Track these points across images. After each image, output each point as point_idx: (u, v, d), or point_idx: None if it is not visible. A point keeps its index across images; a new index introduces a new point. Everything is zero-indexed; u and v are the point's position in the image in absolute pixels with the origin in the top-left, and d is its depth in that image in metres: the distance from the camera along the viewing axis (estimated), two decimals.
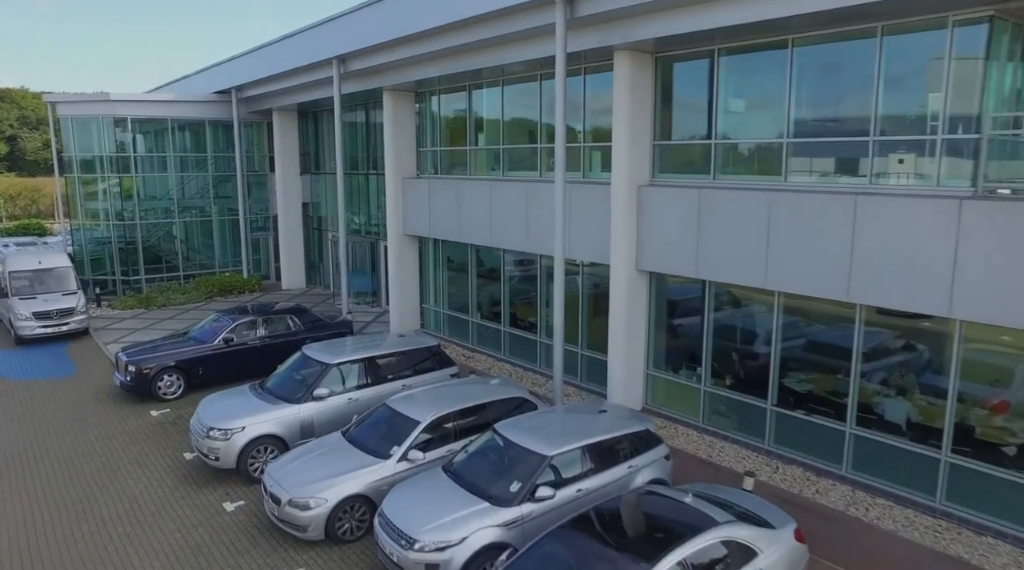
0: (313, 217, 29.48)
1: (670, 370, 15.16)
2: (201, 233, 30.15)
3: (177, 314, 25.20)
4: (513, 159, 18.25)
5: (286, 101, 26.17)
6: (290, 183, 28.81)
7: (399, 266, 21.94)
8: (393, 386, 14.00)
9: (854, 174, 11.64)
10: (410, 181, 21.37)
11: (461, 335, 20.80)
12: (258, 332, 18.02)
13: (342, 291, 22.15)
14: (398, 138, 21.23)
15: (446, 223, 19.87)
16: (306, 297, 27.97)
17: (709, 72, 13.45)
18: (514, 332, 18.90)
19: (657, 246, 14.26)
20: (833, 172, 12.01)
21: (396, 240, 21.79)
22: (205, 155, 29.00)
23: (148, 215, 28.35)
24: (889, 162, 11.17)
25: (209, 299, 27.36)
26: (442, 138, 20.58)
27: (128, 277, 27.72)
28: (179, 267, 28.82)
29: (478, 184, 18.67)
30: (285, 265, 29.25)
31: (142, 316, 25.06)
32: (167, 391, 16.75)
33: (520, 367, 18.55)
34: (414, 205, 21.18)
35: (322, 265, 29.05)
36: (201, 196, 29.18)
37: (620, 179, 14.39)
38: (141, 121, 27.61)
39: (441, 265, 21.32)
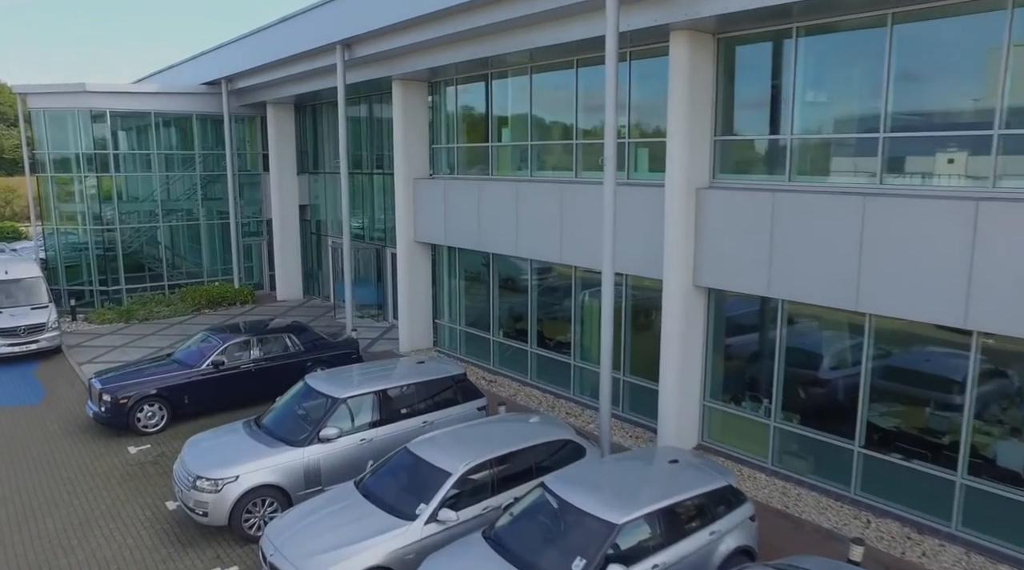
0: (311, 221, 27.95)
1: (731, 401, 13.59)
2: (188, 238, 28.74)
3: (161, 329, 23.63)
4: (543, 157, 16.71)
5: (282, 93, 24.63)
6: (286, 183, 27.27)
7: (409, 277, 20.38)
8: (412, 423, 12.42)
9: (974, 176, 10.05)
10: (422, 182, 19.80)
11: (480, 355, 19.22)
12: (252, 354, 16.45)
13: (346, 304, 20.56)
14: (409, 134, 19.69)
15: (464, 229, 18.31)
16: (304, 309, 26.40)
17: (783, 55, 11.90)
18: (543, 353, 17.32)
19: (719, 258, 12.70)
20: (945, 173, 10.42)
21: (406, 248, 20.23)
22: (192, 153, 27.53)
23: (129, 218, 26.91)
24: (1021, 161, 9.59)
25: (197, 311, 25.80)
26: (459, 133, 19.04)
27: (107, 287, 26.18)
28: (163, 276, 27.26)
29: (502, 186, 17.11)
30: (280, 274, 27.71)
31: (122, 331, 23.48)
32: (148, 423, 15.16)
33: (550, 393, 16.99)
34: (427, 209, 19.61)
35: (321, 274, 27.50)
36: (188, 198, 27.68)
37: (676, 180, 12.82)
38: (121, 115, 26.16)
39: (457, 276, 19.75)
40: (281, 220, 27.36)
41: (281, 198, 27.21)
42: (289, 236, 27.66)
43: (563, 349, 16.85)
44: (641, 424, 15.04)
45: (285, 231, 27.53)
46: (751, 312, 13.25)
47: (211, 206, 28.20)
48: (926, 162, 10.60)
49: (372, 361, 14.66)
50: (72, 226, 26.35)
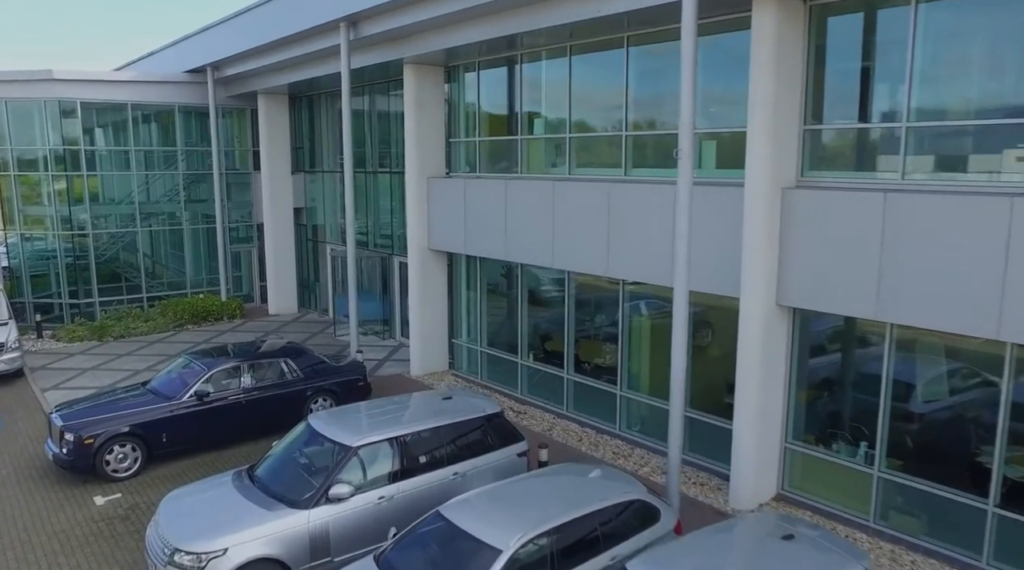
0: (307, 226, 26.19)
1: (819, 443, 11.78)
2: (170, 245, 27.07)
3: (139, 348, 21.82)
4: (584, 152, 14.93)
5: (276, 81, 22.86)
6: (279, 184, 25.49)
7: (422, 290, 18.57)
8: (440, 475, 10.60)
9: None
10: (438, 182, 18.02)
11: (506, 381, 17.42)
12: (242, 382, 14.65)
13: (350, 321, 18.74)
14: (422, 126, 17.92)
15: (488, 236, 16.52)
16: (299, 325, 24.59)
17: (896, 24, 10.10)
18: (582, 380, 15.51)
19: (809, 273, 10.92)
20: None
21: (418, 256, 18.42)
22: (174, 149, 25.79)
23: (104, 223, 25.18)
24: None
25: (179, 327, 23.99)
26: (482, 126, 17.23)
27: (78, 300, 24.42)
28: (142, 287, 25.51)
29: (534, 185, 15.32)
30: (272, 285, 25.91)
31: (94, 351, 21.66)
32: (118, 467, 13.34)
33: (591, 427, 15.21)
34: (443, 212, 17.82)
35: (318, 285, 25.69)
36: (170, 199, 26.00)
37: (757, 179, 11.04)
38: (94, 107, 24.42)
39: (478, 289, 17.94)
40: (274, 225, 25.57)
41: (274, 200, 25.43)
42: (282, 243, 25.87)
43: (606, 376, 15.04)
44: (706, 468, 13.22)
45: (278, 237, 25.74)
46: (845, 335, 11.47)
47: (195, 209, 26.47)
48: None
49: (386, 397, 12.80)
50: (39, 231, 24.66)
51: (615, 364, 14.80)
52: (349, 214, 18.39)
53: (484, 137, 17.24)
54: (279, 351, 15.83)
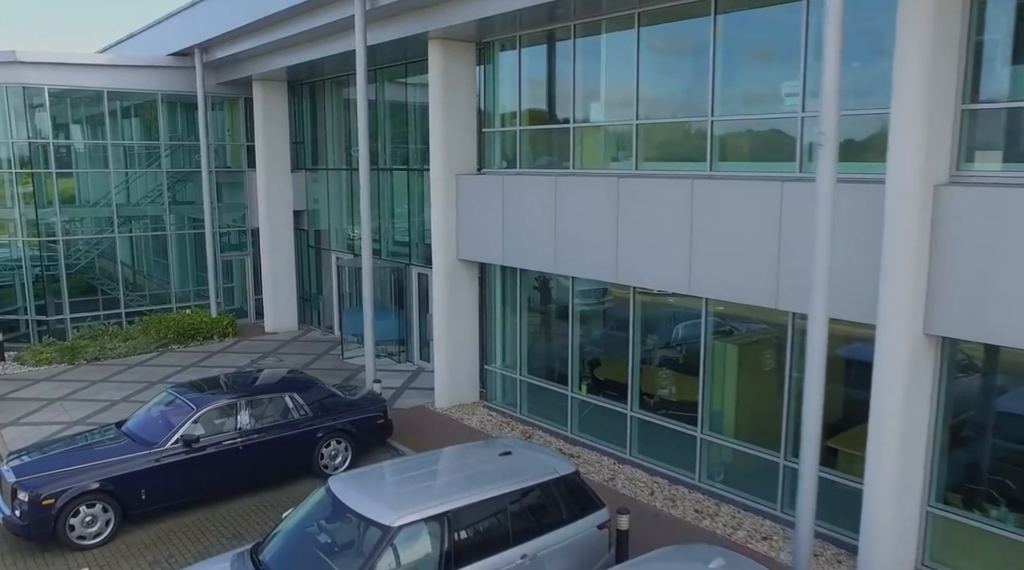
0: (309, 231, 24.26)
1: (970, 506, 9.71)
2: (152, 252, 25.33)
3: (116, 373, 19.85)
4: (657, 142, 12.90)
5: (273, 64, 20.87)
6: (277, 184, 23.51)
7: (449, 307, 16.54)
8: (506, 560, 8.45)
9: None
10: (469, 180, 16.01)
11: (551, 416, 15.38)
12: (239, 422, 12.64)
13: (366, 346, 16.71)
14: (451, 114, 15.93)
15: (532, 244, 14.51)
16: (301, 345, 22.55)
17: None
18: (650, 419, 13.46)
19: (972, 293, 8.83)
20: None
21: (445, 268, 16.39)
22: (157, 144, 23.77)
23: (77, 228, 23.37)
24: None
25: (162, 347, 21.97)
26: (524, 112, 15.18)
27: (46, 316, 22.48)
28: (120, 301, 23.50)
29: (594, 183, 13.33)
30: (270, 298, 23.92)
31: (64, 376, 19.66)
32: (86, 533, 11.30)
33: (663, 476, 13.22)
34: (475, 216, 15.80)
35: (322, 300, 23.66)
36: (152, 201, 24.04)
37: (904, 173, 9.03)
38: (65, 94, 22.53)
39: (518, 307, 15.87)
40: (271, 230, 23.57)
41: (271, 202, 23.43)
42: (281, 250, 23.88)
43: (683, 414, 13.00)
44: (820, 534, 11.11)
45: (276, 244, 23.74)
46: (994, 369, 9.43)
47: (181, 212, 24.53)
48: None
49: (427, 453, 10.67)
50: (2, 238, 22.75)
51: (694, 400, 12.74)
52: (365, 218, 16.35)
53: (527, 126, 15.18)
54: (283, 383, 13.83)
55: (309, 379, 14.34)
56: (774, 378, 11.68)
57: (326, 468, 13.46)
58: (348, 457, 13.72)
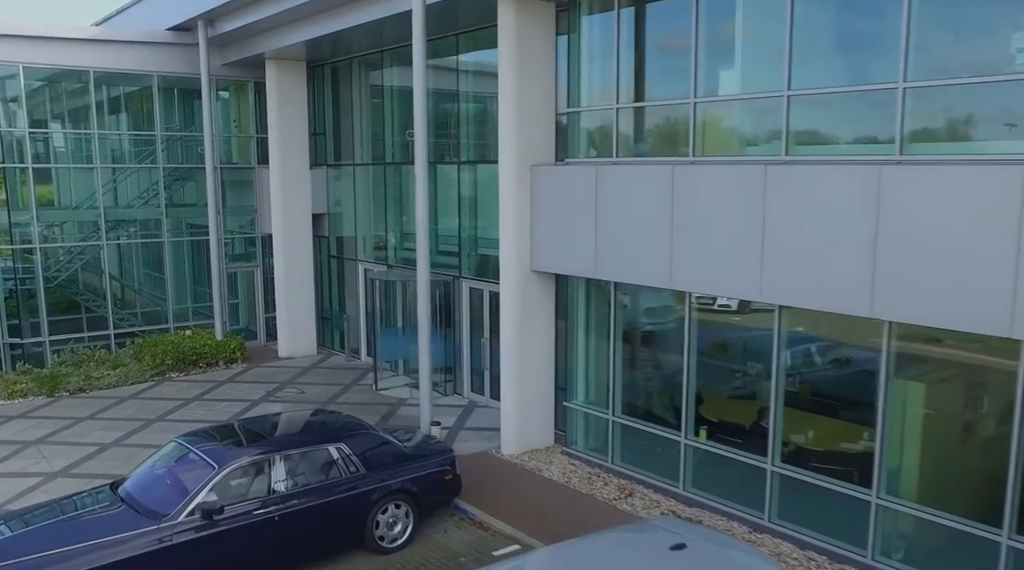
0: (330, 238, 22.15)
1: None
2: (146, 263, 23.59)
3: (105, 408, 17.62)
4: (816, 121, 10.59)
5: (291, 38, 18.77)
6: (294, 183, 21.36)
7: (520, 330, 14.29)
8: None
9: None
10: (548, 173, 13.83)
11: (655, 467, 13.13)
12: (273, 484, 10.32)
13: (421, 378, 14.45)
14: (526, 90, 13.76)
15: (639, 253, 12.32)
16: (322, 373, 20.34)
17: None
18: (800, 476, 11.09)
19: None
20: None
21: (516, 281, 14.14)
22: (153, 135, 21.61)
23: (57, 235, 21.47)
24: None
25: (159, 375, 19.76)
26: (623, 85, 12.86)
27: (21, 338, 20.35)
28: (108, 321, 21.30)
29: (729, 174, 11.09)
30: (284, 317, 21.76)
31: (42, 412, 17.46)
32: None
33: (818, 550, 10.95)
34: (556, 217, 13.58)
35: (346, 319, 21.36)
36: (146, 203, 21.87)
37: None
38: (45, 75, 20.45)
39: (612, 330, 13.51)
40: (286, 237, 21.37)
41: (286, 204, 21.23)
42: (297, 261, 21.67)
43: (848, 471, 10.63)
44: None
45: (292, 253, 21.51)
46: None
47: (180, 216, 22.57)
48: None
49: (558, 545, 8.27)
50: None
51: (867, 453, 10.34)
52: (422, 220, 14.05)
53: (627, 103, 12.82)
54: (326, 429, 11.58)
55: (357, 422, 12.05)
56: (991, 426, 9.29)
57: (382, 540, 11.10)
58: (409, 525, 11.36)
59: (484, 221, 16.93)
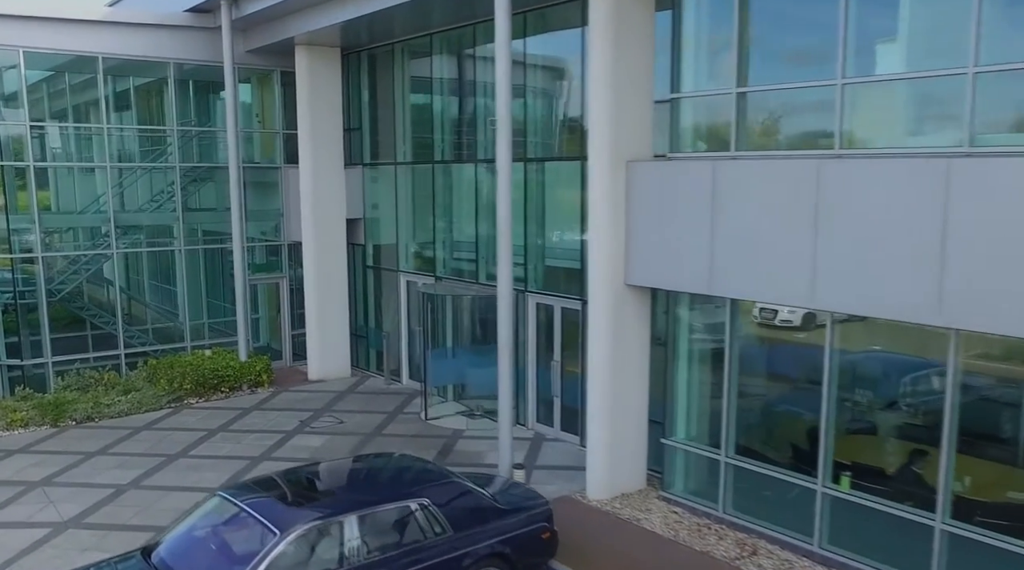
0: (366, 246, 20.58)
1: None
2: (158, 275, 21.89)
3: (118, 441, 16.06)
4: (1012, 103, 9.00)
5: (324, 19, 17.23)
6: (326, 184, 19.83)
7: (613, 354, 12.80)
8: None
9: None
10: (648, 169, 12.37)
11: (781, 518, 11.61)
12: (345, 552, 8.68)
13: (501, 411, 12.85)
14: (621, 71, 12.29)
15: (771, 264, 10.81)
16: (360, 399, 18.88)
17: None
18: (980, 537, 9.50)
19: None
20: None
21: (609, 298, 12.63)
22: (165, 131, 20.16)
23: (59, 243, 19.94)
24: None
25: (176, 402, 18.24)
26: (744, 66, 11.25)
27: (20, 359, 18.78)
28: (118, 340, 19.75)
29: (894, 169, 9.49)
30: (315, 335, 20.20)
31: (47, 446, 15.86)
32: None
33: None
34: (658, 222, 12.12)
35: (385, 337, 19.71)
36: (159, 207, 20.37)
37: None
38: (47, 62, 18.93)
39: (729, 356, 11.88)
40: (317, 245, 19.82)
41: (318, 208, 19.69)
42: (330, 272, 20.11)
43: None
44: None
45: (324, 263, 19.95)
46: None
47: (196, 221, 21.06)
48: None
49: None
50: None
51: None
52: (504, 219, 12.38)
53: (752, 87, 11.21)
54: (404, 478, 9.95)
55: (438, 469, 10.52)
56: None
57: None
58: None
59: (555, 227, 15.45)
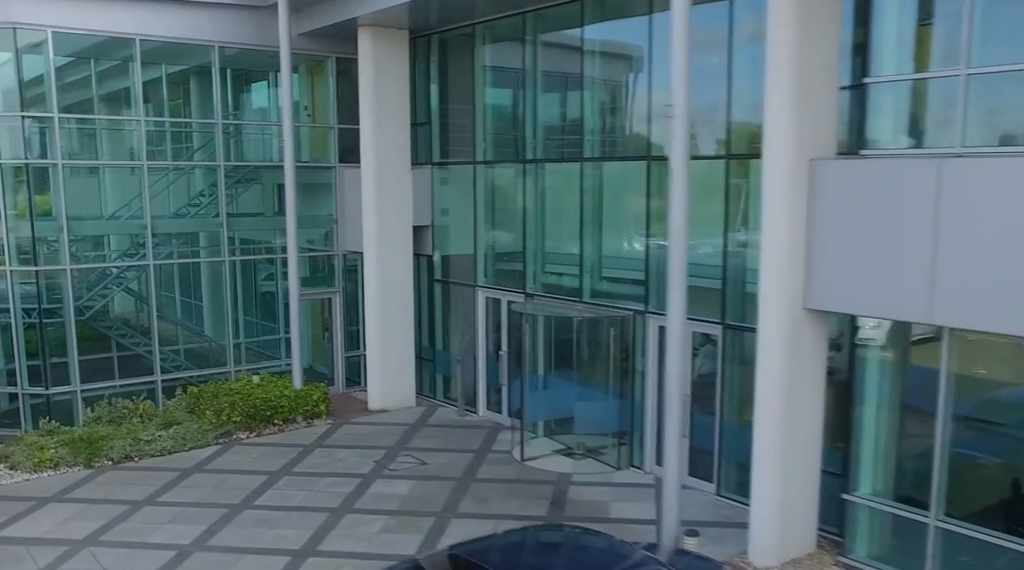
0: (434, 257, 18.75)
1: None
2: (200, 290, 20.32)
3: (167, 486, 14.20)
4: None
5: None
6: (391, 186, 17.93)
7: (787, 391, 11.06)
8: None
9: None
10: (840, 168, 10.86)
11: None
12: None
13: (668, 461, 11.17)
14: (807, 57, 10.48)
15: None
16: (435, 434, 17.09)
17: None
18: None
19: None
20: None
21: (782, 324, 10.95)
22: (212, 125, 18.24)
23: (89, 253, 17.88)
24: None
25: (224, 437, 16.34)
26: (975, 40, 9.59)
27: (43, 388, 16.76)
28: (154, 365, 17.66)
29: None
30: (376, 359, 18.29)
31: (84, 492, 13.98)
32: None
33: None
34: (853, 233, 10.48)
35: (457, 361, 17.84)
36: (202, 211, 18.43)
37: None
38: (77, 44, 16.87)
39: (942, 395, 10.14)
40: (380, 255, 17.93)
41: (382, 214, 17.79)
42: (395, 286, 18.18)
43: None
44: None
45: (387, 276, 18.03)
46: None
47: (239, 227, 19.12)
48: None
49: None
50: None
51: None
52: (679, 234, 10.59)
53: (988, 66, 9.49)
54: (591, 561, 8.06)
55: (629, 548, 8.57)
56: None
57: None
58: None
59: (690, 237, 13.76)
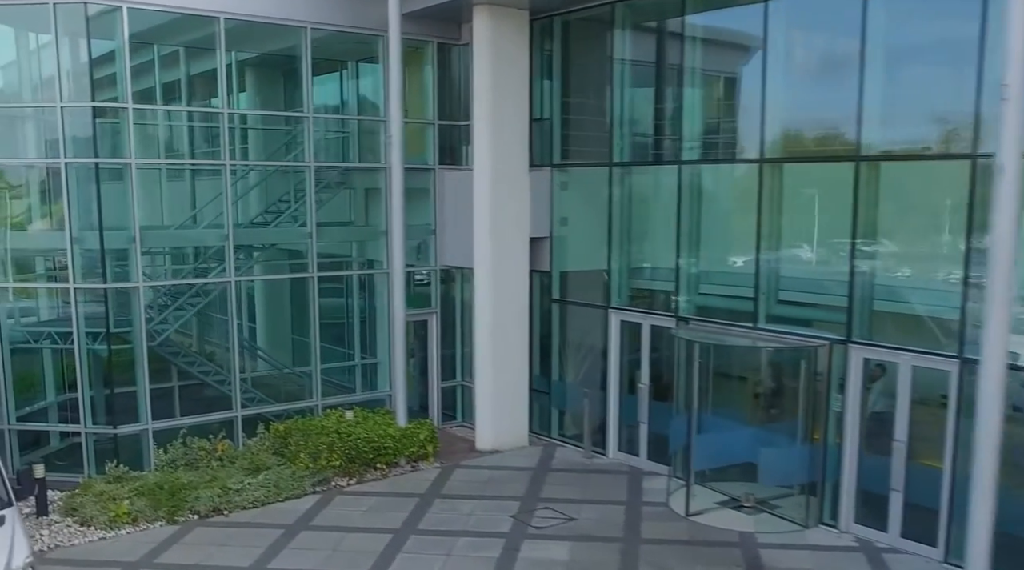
0: (553, 273, 16.97)
1: None
2: (282, 310, 18.49)
3: (272, 549, 12.36)
4: None
5: None
6: (507, 191, 16.25)
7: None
8: None
9: None
10: None
11: None
12: None
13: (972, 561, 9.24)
14: None
15: None
16: (567, 480, 15.42)
17: None
18: None
19: None
20: None
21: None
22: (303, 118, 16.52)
23: (161, 268, 16.36)
24: None
25: (321, 484, 14.56)
26: None
27: (111, 427, 14.84)
28: (234, 398, 15.73)
29: None
30: (487, 392, 16.56)
31: (172, 557, 12.16)
32: None
33: None
34: None
35: (585, 395, 16.06)
36: (291, 217, 16.60)
37: None
38: (153, 22, 15.35)
39: None
40: (494, 272, 16.22)
41: (496, 224, 16.03)
42: (509, 307, 16.39)
43: None
44: None
45: (502, 296, 16.27)
46: None
47: (329, 238, 17.26)
48: None
49: None
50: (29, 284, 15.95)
51: None
52: (1005, 249, 8.85)
53: None
54: None
55: None
56: None
57: None
58: None
59: (898, 250, 12.09)
